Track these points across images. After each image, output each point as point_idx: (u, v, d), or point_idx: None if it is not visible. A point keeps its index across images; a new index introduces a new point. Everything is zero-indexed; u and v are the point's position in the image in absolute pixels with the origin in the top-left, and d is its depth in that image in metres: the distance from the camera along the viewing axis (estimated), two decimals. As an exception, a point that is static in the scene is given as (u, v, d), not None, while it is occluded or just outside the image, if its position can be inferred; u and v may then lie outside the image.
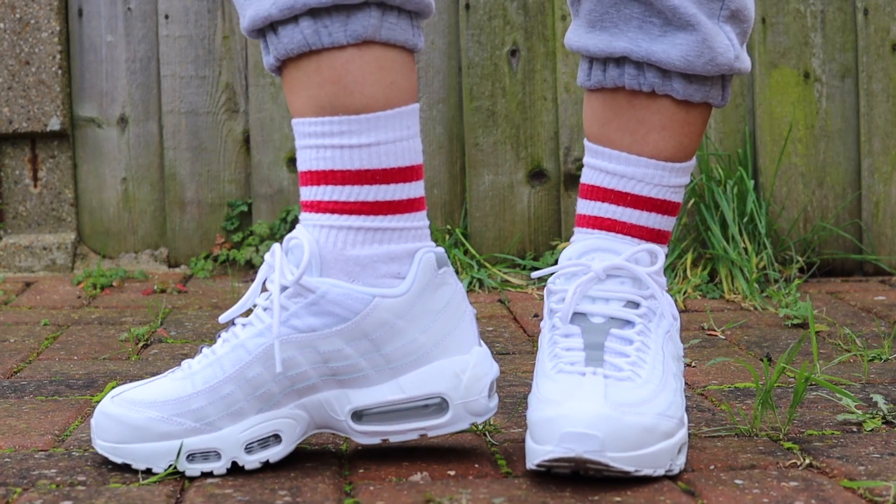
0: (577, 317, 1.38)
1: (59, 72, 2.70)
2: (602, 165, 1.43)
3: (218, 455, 1.33)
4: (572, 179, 2.67)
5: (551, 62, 2.66)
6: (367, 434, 1.36)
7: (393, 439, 1.36)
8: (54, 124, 2.71)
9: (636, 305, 1.38)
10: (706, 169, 2.57)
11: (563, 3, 2.65)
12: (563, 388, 1.31)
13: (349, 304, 1.32)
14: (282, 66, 1.34)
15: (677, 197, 1.43)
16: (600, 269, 1.39)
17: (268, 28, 1.33)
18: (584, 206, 1.45)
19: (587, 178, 1.45)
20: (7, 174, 2.75)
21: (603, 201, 1.43)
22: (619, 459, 1.26)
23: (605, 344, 1.35)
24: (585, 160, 1.45)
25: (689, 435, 1.47)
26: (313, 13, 1.30)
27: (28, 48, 2.69)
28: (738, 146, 2.65)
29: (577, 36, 1.42)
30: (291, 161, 2.71)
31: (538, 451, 1.28)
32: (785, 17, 2.64)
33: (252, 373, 1.33)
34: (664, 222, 1.43)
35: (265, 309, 1.34)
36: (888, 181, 2.66)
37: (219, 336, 1.37)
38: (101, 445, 1.35)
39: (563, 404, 1.28)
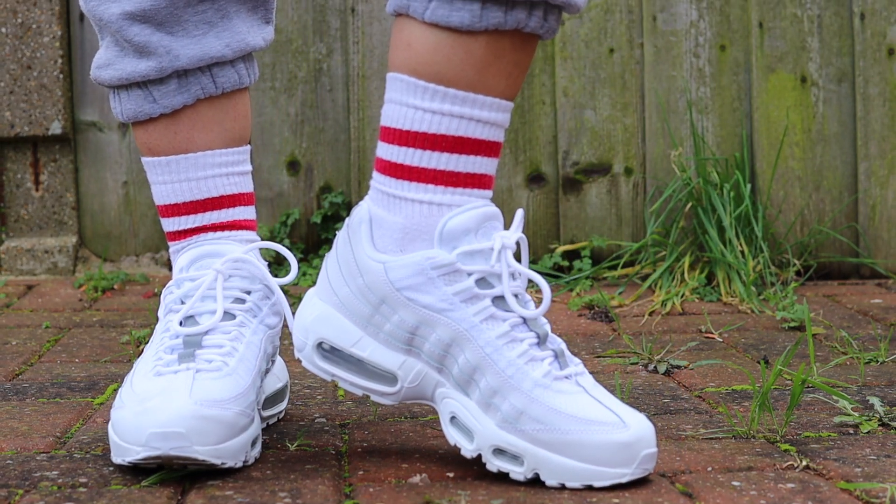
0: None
1: (61, 76, 2.70)
2: (476, 114, 1.32)
3: (258, 437, 1.43)
4: (571, 183, 2.68)
5: (549, 66, 2.67)
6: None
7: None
8: (56, 128, 2.71)
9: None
10: (703, 172, 2.57)
11: (561, 7, 2.65)
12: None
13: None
14: (182, 108, 1.50)
15: None
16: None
17: (190, 71, 1.49)
18: (452, 161, 1.34)
19: (448, 127, 1.33)
20: (9, 178, 2.76)
21: (477, 154, 1.34)
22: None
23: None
24: (444, 108, 1.32)
25: (687, 437, 1.48)
26: (247, 57, 1.52)
27: (30, 52, 2.70)
28: (735, 150, 2.66)
29: None
30: (291, 165, 2.72)
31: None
32: (782, 21, 2.65)
33: (262, 363, 1.46)
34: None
35: (246, 311, 1.48)
36: (885, 185, 2.66)
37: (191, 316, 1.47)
38: (202, 451, 1.32)
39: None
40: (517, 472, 1.31)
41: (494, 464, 1.32)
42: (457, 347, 1.33)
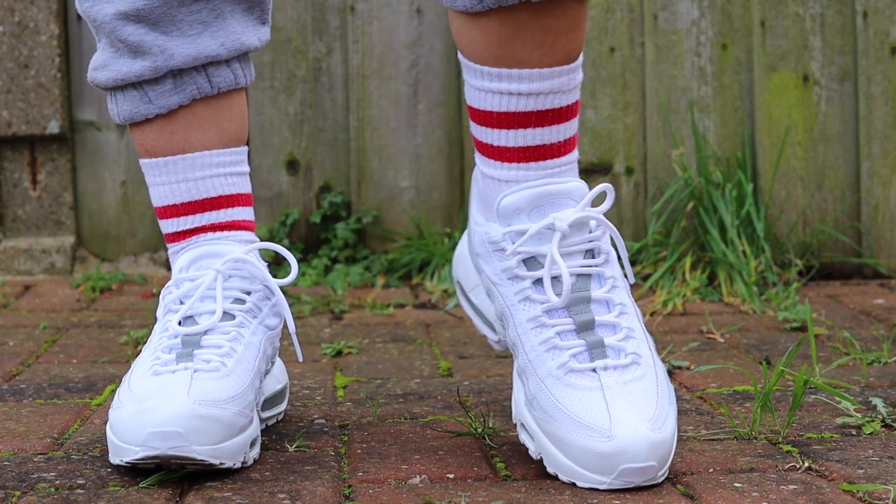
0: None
1: (59, 75, 2.70)
2: (514, 88, 1.33)
3: (257, 438, 1.42)
4: (571, 183, 2.67)
5: (550, 65, 2.67)
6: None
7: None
8: (53, 127, 2.71)
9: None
10: (704, 172, 2.57)
11: (562, 6, 2.65)
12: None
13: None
14: (177, 108, 1.49)
15: (579, 90, 1.38)
16: (565, 227, 1.36)
17: (185, 71, 1.48)
18: (502, 137, 1.36)
19: (493, 104, 1.35)
20: (6, 177, 2.75)
21: (526, 127, 1.35)
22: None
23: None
24: (485, 85, 1.34)
25: (688, 438, 1.48)
26: (242, 57, 1.51)
27: (27, 51, 2.70)
28: (736, 149, 2.65)
29: None
30: (290, 164, 2.71)
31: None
32: (784, 20, 2.65)
33: (261, 364, 1.46)
34: (575, 124, 1.38)
35: (246, 311, 1.46)
36: (887, 184, 2.66)
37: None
38: (201, 451, 1.32)
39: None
40: (532, 451, 1.34)
41: (520, 436, 1.37)
42: (505, 320, 1.38)
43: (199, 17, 1.47)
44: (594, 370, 1.32)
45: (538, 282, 1.36)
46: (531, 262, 1.36)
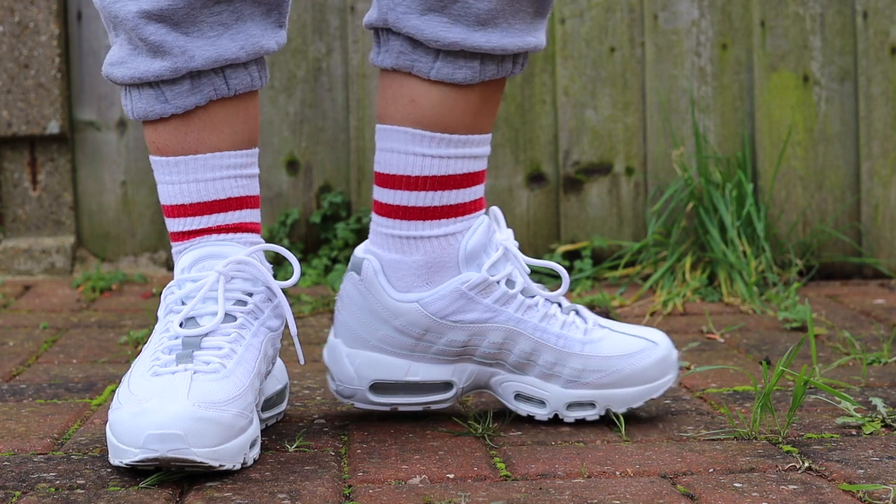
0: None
1: (59, 75, 2.70)
2: (477, 152, 1.54)
3: (257, 439, 1.42)
4: (571, 183, 2.67)
5: (550, 65, 2.67)
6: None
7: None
8: (53, 128, 2.71)
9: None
10: (705, 172, 2.57)
11: (562, 6, 2.65)
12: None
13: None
14: (193, 109, 1.49)
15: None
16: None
17: (203, 72, 1.47)
18: (461, 195, 1.54)
19: (457, 168, 1.52)
20: (6, 177, 2.75)
21: (478, 184, 1.55)
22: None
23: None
24: (450, 152, 1.52)
25: (688, 438, 1.48)
26: (259, 59, 1.51)
27: (27, 51, 2.70)
28: (736, 149, 2.65)
29: (466, 34, 1.48)
30: (290, 164, 2.71)
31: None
32: (784, 20, 2.65)
33: (262, 365, 1.46)
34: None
35: (247, 313, 1.47)
36: (887, 184, 2.66)
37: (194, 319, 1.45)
38: (200, 453, 1.31)
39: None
40: (591, 414, 1.54)
41: (571, 416, 1.54)
42: (510, 342, 1.53)
43: (219, 20, 1.46)
44: (598, 325, 1.57)
45: (523, 292, 1.55)
46: (508, 282, 1.54)
